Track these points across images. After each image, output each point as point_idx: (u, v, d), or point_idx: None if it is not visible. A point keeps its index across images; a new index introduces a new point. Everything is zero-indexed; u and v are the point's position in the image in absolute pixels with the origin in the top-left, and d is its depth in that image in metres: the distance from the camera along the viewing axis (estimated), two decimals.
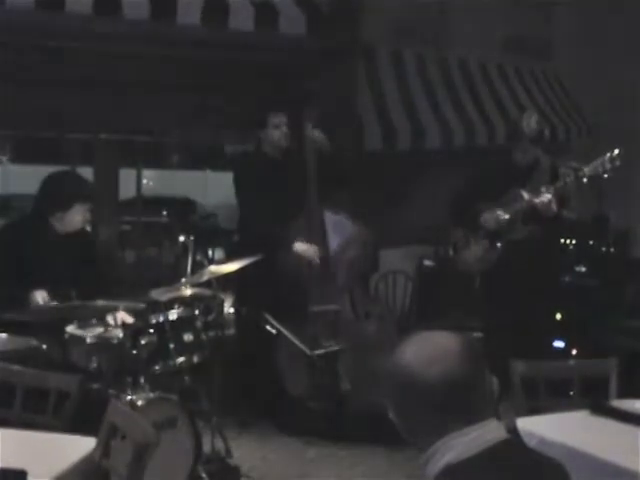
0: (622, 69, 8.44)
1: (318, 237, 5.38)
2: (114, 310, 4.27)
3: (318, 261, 5.34)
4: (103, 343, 4.12)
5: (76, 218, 4.47)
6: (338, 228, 5.43)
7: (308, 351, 4.88)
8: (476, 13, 7.88)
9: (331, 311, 5.29)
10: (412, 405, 1.80)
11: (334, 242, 5.40)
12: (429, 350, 1.80)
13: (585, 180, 5.06)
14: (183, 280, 4.56)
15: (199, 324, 4.39)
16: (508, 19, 8.37)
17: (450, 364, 1.78)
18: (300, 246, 5.36)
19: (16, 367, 3.48)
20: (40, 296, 4.23)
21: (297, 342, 4.86)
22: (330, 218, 5.42)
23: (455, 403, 1.77)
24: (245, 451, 4.95)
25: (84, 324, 4.23)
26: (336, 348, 5.11)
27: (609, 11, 8.52)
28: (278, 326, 4.82)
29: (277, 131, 5.52)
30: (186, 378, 4.35)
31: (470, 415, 1.78)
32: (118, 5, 5.76)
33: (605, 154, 5.01)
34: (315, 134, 5.44)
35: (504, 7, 8.18)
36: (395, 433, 1.89)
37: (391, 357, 1.85)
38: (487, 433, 1.78)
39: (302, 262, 5.34)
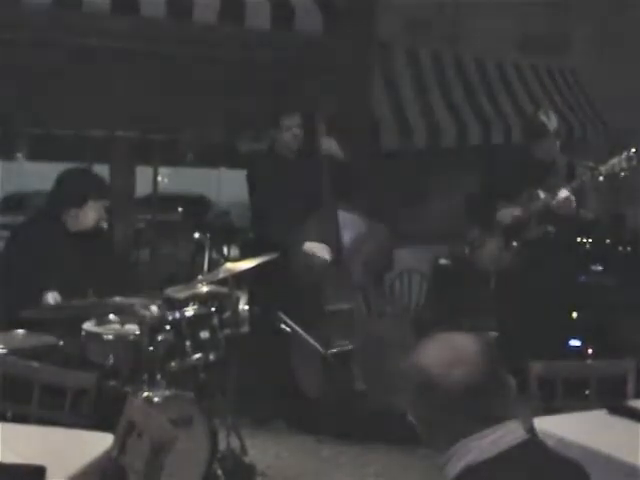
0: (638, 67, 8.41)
1: (332, 235, 5.35)
2: (130, 307, 4.28)
3: (328, 259, 5.31)
4: (120, 340, 4.12)
5: (90, 215, 4.46)
6: (352, 226, 5.39)
7: (322, 350, 4.88)
8: (492, 10, 7.86)
9: (345, 310, 5.27)
10: (432, 408, 1.80)
11: (348, 240, 5.37)
12: (449, 353, 1.81)
13: (601, 179, 5.05)
14: (199, 277, 4.56)
15: (215, 321, 4.39)
16: (525, 16, 8.35)
17: (470, 367, 1.78)
18: (310, 245, 5.34)
19: (34, 364, 3.49)
20: (52, 297, 4.24)
21: (311, 341, 4.85)
22: (344, 216, 5.39)
23: (475, 405, 1.78)
24: (260, 449, 4.95)
25: (101, 321, 4.24)
26: (350, 347, 5.11)
27: (625, 9, 8.49)
28: (292, 325, 4.82)
29: (289, 133, 5.50)
30: (202, 375, 4.35)
31: (490, 417, 1.79)
32: (135, 3, 5.78)
33: (621, 153, 5.00)
34: (330, 143, 5.40)
35: (521, 4, 8.16)
36: (409, 432, 1.89)
37: (410, 359, 1.85)
38: (507, 434, 1.79)
39: (314, 261, 5.33)
